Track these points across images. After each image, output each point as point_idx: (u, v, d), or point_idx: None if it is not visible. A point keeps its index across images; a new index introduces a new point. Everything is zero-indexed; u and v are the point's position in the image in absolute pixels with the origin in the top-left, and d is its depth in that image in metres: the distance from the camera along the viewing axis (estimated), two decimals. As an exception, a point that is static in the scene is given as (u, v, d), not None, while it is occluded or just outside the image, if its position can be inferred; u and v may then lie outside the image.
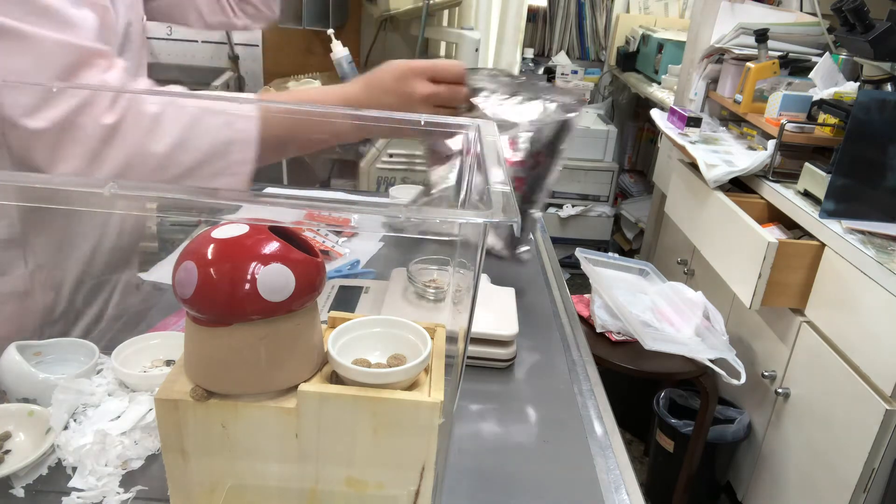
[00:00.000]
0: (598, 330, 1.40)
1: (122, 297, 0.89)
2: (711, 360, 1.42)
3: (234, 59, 2.57)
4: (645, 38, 2.94)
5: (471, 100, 0.88)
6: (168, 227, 1.02)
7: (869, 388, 1.28)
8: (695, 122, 1.99)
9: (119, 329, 0.80)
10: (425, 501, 0.52)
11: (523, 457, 0.67)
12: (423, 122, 0.72)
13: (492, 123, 0.64)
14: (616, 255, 1.68)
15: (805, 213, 1.52)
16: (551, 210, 3.07)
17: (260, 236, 0.47)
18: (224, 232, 0.47)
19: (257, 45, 2.66)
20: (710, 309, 1.49)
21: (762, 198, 1.73)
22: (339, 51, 1.95)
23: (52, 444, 0.58)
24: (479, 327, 0.80)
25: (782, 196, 1.63)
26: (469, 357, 0.81)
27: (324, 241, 1.10)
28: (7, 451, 0.58)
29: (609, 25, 3.38)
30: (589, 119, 3.11)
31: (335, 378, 0.51)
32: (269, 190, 1.25)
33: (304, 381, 0.50)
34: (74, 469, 0.58)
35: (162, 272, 0.91)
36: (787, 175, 1.70)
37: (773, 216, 1.69)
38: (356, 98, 0.83)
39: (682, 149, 1.89)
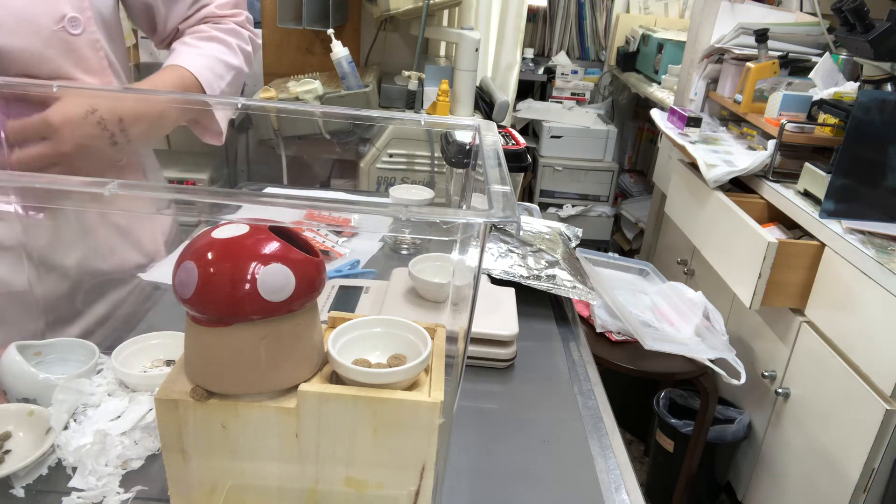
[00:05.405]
0: (598, 330, 1.40)
1: (122, 297, 0.89)
2: (711, 360, 1.42)
3: (234, 59, 2.56)
4: (645, 38, 2.94)
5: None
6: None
7: (869, 388, 1.28)
8: (695, 122, 1.99)
9: (119, 329, 0.80)
10: (425, 501, 0.52)
11: (523, 457, 0.67)
12: (422, 122, 0.72)
13: (492, 124, 0.64)
14: (616, 255, 1.68)
15: (805, 213, 1.52)
16: (551, 210, 3.07)
17: (260, 236, 0.47)
18: (224, 232, 0.47)
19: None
20: (710, 309, 1.49)
21: (762, 198, 1.73)
22: (339, 51, 1.95)
23: (52, 444, 0.58)
24: (479, 327, 0.80)
25: (782, 196, 1.63)
26: (469, 357, 0.81)
27: (324, 241, 1.10)
28: (7, 451, 0.58)
29: (609, 25, 3.38)
30: (589, 119, 3.11)
31: (335, 378, 0.51)
32: (269, 190, 1.25)
33: (304, 381, 0.50)
34: (74, 469, 0.58)
35: (162, 272, 0.91)
36: (787, 175, 1.70)
37: (773, 216, 1.69)
38: None
39: (682, 149, 1.89)
